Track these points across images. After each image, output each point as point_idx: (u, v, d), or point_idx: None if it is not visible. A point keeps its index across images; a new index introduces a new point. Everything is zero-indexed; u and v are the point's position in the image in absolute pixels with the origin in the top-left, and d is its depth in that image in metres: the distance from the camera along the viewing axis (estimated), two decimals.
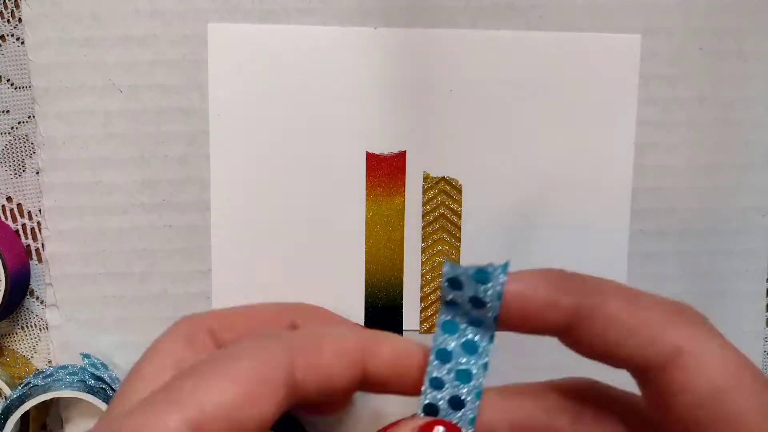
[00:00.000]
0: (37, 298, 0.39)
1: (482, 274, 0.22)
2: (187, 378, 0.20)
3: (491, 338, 0.24)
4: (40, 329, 0.40)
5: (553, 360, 0.29)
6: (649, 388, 0.22)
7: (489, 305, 0.22)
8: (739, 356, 0.21)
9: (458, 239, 0.40)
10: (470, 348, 0.24)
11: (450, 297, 0.23)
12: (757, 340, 0.42)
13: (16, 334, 0.40)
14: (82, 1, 0.36)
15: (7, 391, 0.37)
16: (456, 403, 0.24)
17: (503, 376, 0.26)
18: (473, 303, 0.23)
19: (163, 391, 0.20)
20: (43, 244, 0.39)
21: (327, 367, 0.21)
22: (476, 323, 0.23)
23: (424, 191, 0.39)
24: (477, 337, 0.24)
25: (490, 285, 0.22)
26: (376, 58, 0.38)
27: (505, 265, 0.22)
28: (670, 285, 0.41)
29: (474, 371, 0.24)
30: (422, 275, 0.40)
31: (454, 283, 0.23)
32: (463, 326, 0.24)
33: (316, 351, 0.21)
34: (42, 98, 0.37)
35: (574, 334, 0.22)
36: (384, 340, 0.23)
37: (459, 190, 0.40)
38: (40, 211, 0.39)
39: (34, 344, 0.40)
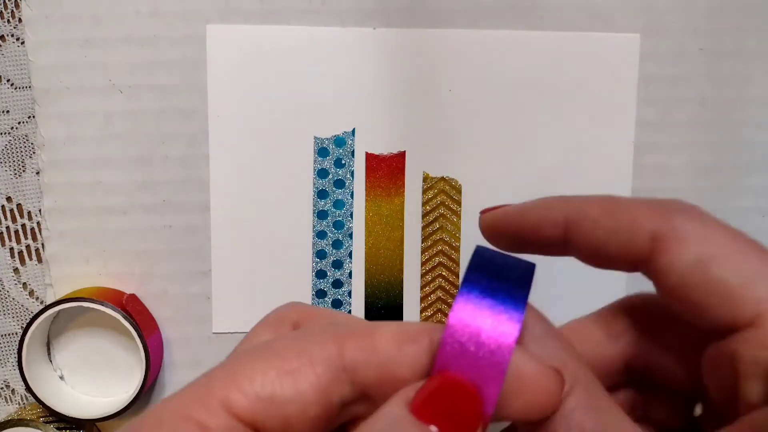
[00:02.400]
0: (37, 298, 0.39)
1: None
2: (225, 361, 0.20)
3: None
4: None
5: None
6: (655, 284, 0.22)
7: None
8: (724, 229, 0.21)
9: (458, 239, 0.40)
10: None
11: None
12: None
13: (17, 334, 0.40)
14: (83, 2, 0.36)
15: None
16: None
17: None
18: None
19: (203, 376, 0.19)
20: (43, 245, 0.38)
21: (384, 352, 0.19)
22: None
23: (424, 191, 0.39)
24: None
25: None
26: (375, 59, 0.38)
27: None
28: None
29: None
30: (422, 275, 0.40)
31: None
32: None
33: (369, 336, 0.20)
34: (42, 99, 0.37)
35: (570, 244, 0.23)
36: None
37: (458, 190, 0.39)
38: (40, 211, 0.38)
39: None
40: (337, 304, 0.40)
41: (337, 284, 0.40)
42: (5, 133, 0.38)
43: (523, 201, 0.25)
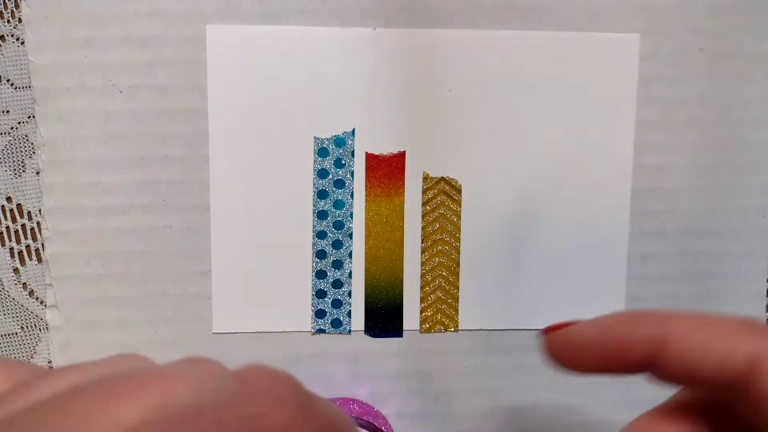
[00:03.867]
0: (37, 298, 0.39)
1: None
2: None
3: None
4: (40, 329, 0.39)
5: None
6: (741, 402, 0.21)
7: None
8: None
9: (458, 239, 0.39)
10: None
11: None
12: None
13: (17, 334, 0.39)
14: (82, 1, 0.36)
15: None
16: None
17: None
18: None
19: None
20: (43, 245, 0.38)
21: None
22: None
23: (424, 191, 0.39)
24: None
25: None
26: (375, 59, 0.38)
27: None
28: (669, 286, 0.41)
29: None
30: (422, 275, 0.39)
31: None
32: None
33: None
34: (42, 99, 0.36)
35: (657, 366, 0.22)
36: None
37: (458, 190, 0.39)
38: (40, 211, 0.38)
39: (34, 344, 0.39)
40: (337, 304, 0.39)
41: (337, 284, 0.39)
42: (5, 133, 0.38)
43: (593, 317, 0.23)
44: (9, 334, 0.39)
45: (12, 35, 0.37)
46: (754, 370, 0.20)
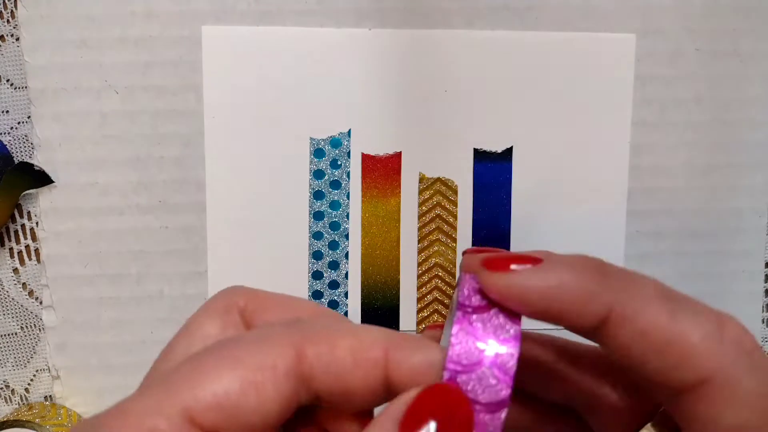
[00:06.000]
0: (36, 298, 0.38)
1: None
2: (185, 364, 0.18)
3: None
4: (39, 330, 0.38)
5: None
6: (669, 404, 0.20)
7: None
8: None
9: (454, 239, 0.38)
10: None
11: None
12: None
13: (16, 334, 0.38)
14: (78, 2, 0.35)
15: None
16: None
17: None
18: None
19: (162, 378, 0.18)
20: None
21: (341, 362, 0.18)
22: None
23: (420, 192, 0.38)
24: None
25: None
26: (371, 60, 0.37)
27: None
28: None
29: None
30: (418, 276, 0.38)
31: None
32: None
33: (329, 344, 0.18)
34: (38, 99, 0.36)
35: (597, 338, 0.20)
36: (413, 348, 0.19)
37: (454, 191, 0.38)
38: (39, 211, 0.37)
39: (34, 344, 0.38)
40: (333, 304, 0.38)
41: (334, 285, 0.38)
42: (5, 133, 0.37)
43: (538, 257, 0.21)
44: (9, 334, 0.38)
45: (12, 35, 0.36)
46: (700, 392, 0.18)
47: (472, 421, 0.17)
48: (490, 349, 0.19)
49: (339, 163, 0.38)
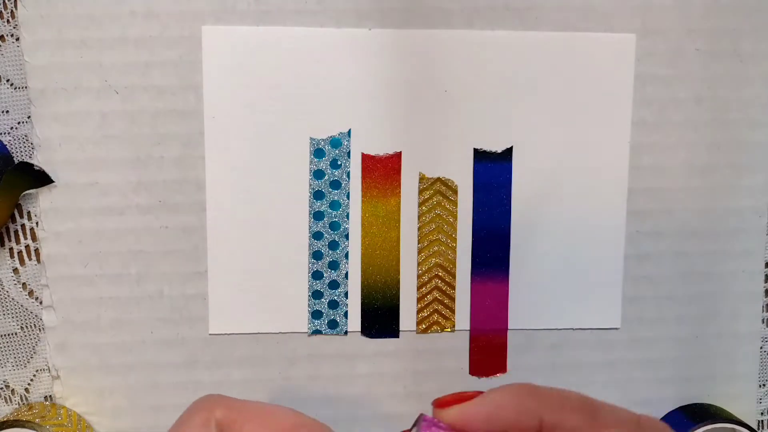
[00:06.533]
0: (36, 298, 0.38)
1: None
2: None
3: None
4: (39, 330, 0.38)
5: None
6: None
7: None
8: None
9: (454, 240, 0.38)
10: None
11: None
12: (754, 340, 0.41)
13: (16, 334, 0.38)
14: (78, 2, 0.35)
15: None
16: None
17: None
18: None
19: None
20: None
21: None
22: None
23: (420, 192, 0.38)
24: None
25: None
26: (371, 60, 0.36)
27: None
28: (666, 286, 0.40)
29: None
30: (418, 276, 0.38)
31: None
32: None
33: None
34: (38, 99, 0.36)
35: None
36: None
37: (455, 191, 0.38)
38: (39, 211, 0.37)
39: (34, 344, 0.38)
40: (333, 305, 0.38)
41: (334, 285, 0.38)
42: (5, 133, 0.37)
43: (481, 390, 0.23)
44: (9, 334, 0.38)
45: (12, 35, 0.36)
46: None
47: None
48: None
49: (339, 163, 0.37)
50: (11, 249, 0.38)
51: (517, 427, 0.22)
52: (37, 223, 0.37)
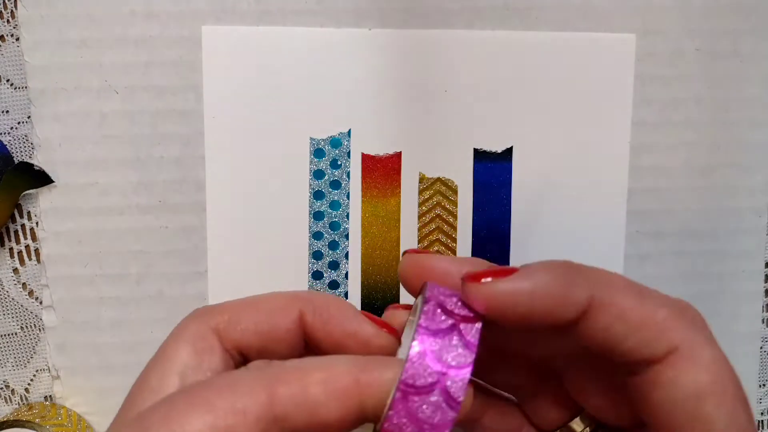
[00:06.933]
0: (36, 298, 0.38)
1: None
2: (158, 407, 0.20)
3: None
4: (39, 330, 0.38)
5: None
6: (633, 378, 0.22)
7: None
8: (727, 366, 0.21)
9: (454, 240, 0.38)
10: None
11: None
12: (754, 340, 0.40)
13: (16, 334, 0.38)
14: (78, 2, 0.35)
15: None
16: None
17: None
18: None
19: (136, 419, 0.19)
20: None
21: (313, 398, 0.19)
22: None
23: (420, 192, 0.38)
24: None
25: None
26: (371, 59, 0.36)
27: None
28: (666, 286, 0.39)
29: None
30: None
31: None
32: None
33: (300, 382, 0.19)
34: (38, 99, 0.35)
35: (578, 328, 0.21)
36: (380, 367, 0.20)
37: (455, 191, 0.38)
38: (39, 211, 0.37)
39: (34, 345, 0.38)
40: None
41: (334, 285, 0.38)
42: (5, 133, 0.36)
43: (521, 264, 0.21)
44: (8, 334, 0.38)
45: (12, 35, 0.36)
46: (669, 359, 0.21)
47: None
48: (443, 374, 0.20)
49: (339, 163, 0.37)
50: (11, 249, 0.37)
51: (563, 306, 0.20)
52: (37, 223, 0.37)
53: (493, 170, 0.38)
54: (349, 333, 0.23)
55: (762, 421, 0.42)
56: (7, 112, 0.36)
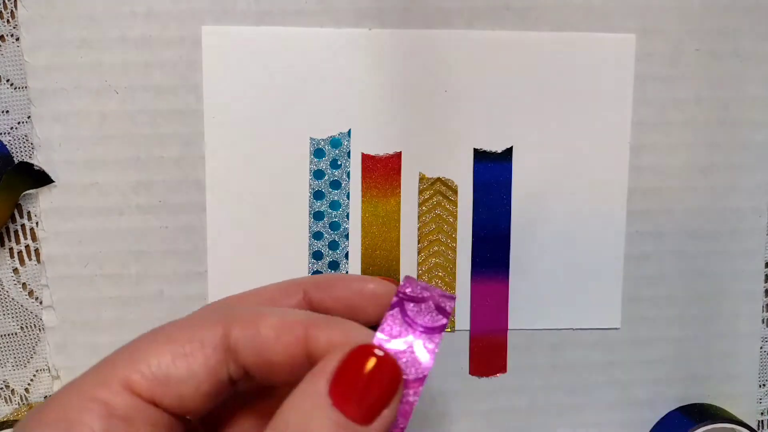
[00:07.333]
0: (36, 298, 0.37)
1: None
2: (126, 346, 0.21)
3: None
4: (39, 330, 0.38)
5: None
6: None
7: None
8: None
9: (454, 240, 0.38)
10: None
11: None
12: (753, 340, 0.40)
13: (16, 334, 0.38)
14: (78, 2, 0.35)
15: None
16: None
17: None
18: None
19: (107, 359, 0.21)
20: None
21: (263, 338, 0.21)
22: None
23: (420, 192, 0.37)
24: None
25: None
26: (370, 59, 0.36)
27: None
28: (666, 286, 0.39)
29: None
30: (418, 276, 0.38)
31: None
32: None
33: (253, 323, 0.21)
34: (38, 99, 0.35)
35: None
36: (331, 325, 0.21)
37: (455, 191, 0.38)
38: (39, 211, 0.37)
39: (34, 344, 0.38)
40: None
41: None
42: (5, 133, 0.36)
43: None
44: (9, 334, 0.38)
45: (12, 35, 0.36)
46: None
47: (400, 375, 0.20)
48: (416, 340, 0.21)
49: (339, 163, 0.37)
50: (11, 249, 0.37)
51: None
52: (37, 223, 0.37)
53: (493, 170, 0.38)
54: (356, 291, 0.24)
55: (762, 421, 0.42)
56: (7, 112, 0.36)
